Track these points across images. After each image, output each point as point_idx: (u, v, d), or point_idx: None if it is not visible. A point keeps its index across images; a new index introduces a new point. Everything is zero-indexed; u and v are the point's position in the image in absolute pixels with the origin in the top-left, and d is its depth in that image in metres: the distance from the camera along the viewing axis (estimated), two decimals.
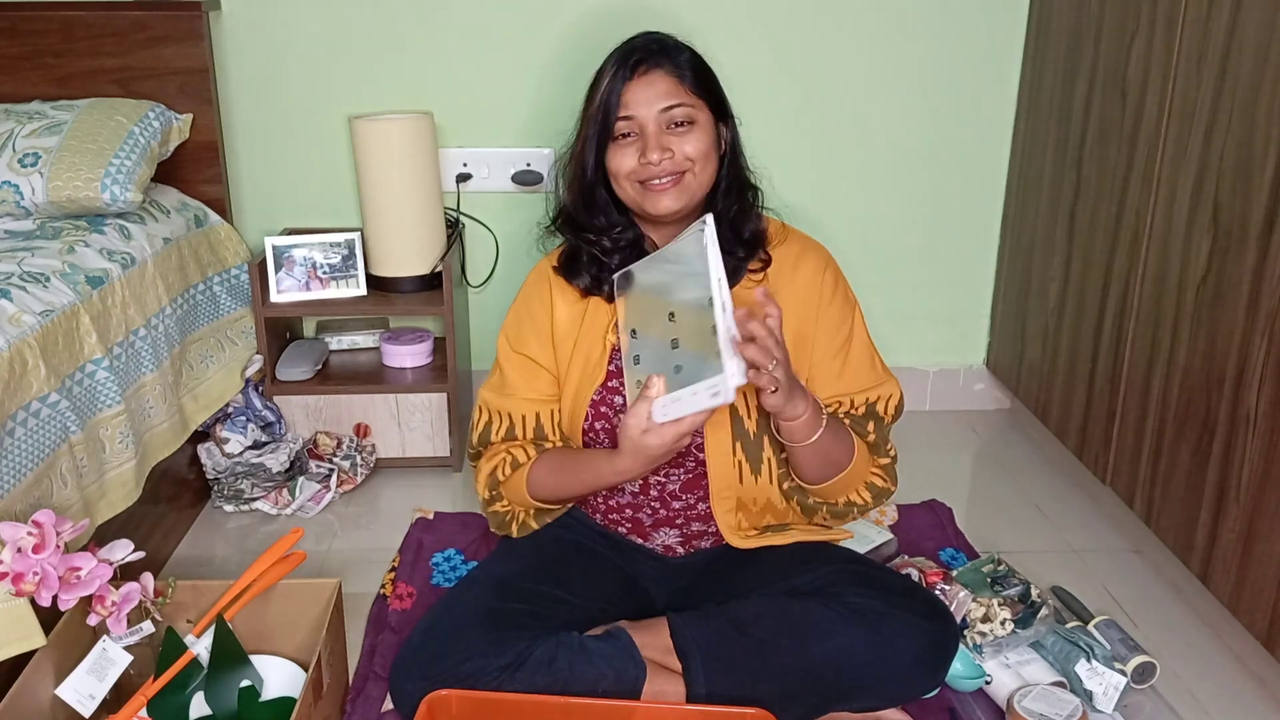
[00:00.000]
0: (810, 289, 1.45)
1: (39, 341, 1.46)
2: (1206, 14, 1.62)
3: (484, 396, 1.55)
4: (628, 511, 1.51)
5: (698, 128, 1.38)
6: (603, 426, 1.45)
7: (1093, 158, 1.98)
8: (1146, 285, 1.81)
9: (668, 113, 1.37)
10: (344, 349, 2.36)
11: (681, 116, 1.37)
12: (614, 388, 1.45)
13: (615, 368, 1.46)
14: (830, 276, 1.47)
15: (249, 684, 1.37)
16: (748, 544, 1.47)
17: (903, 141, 2.34)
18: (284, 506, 2.03)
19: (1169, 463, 1.74)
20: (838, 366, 1.46)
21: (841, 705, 1.38)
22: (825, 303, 1.45)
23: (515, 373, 1.52)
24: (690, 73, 1.39)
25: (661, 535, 1.52)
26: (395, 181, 2.13)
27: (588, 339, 1.48)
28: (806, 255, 1.48)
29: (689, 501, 1.48)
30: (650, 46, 1.40)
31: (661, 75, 1.38)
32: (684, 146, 1.37)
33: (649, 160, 1.36)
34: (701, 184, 1.40)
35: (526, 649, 1.32)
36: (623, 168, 1.40)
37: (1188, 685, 1.56)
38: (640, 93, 1.37)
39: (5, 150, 1.87)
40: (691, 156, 1.38)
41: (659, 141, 1.37)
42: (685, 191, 1.39)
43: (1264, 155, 1.48)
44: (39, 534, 1.24)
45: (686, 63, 1.39)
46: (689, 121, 1.38)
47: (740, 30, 2.24)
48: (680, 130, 1.38)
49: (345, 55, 2.25)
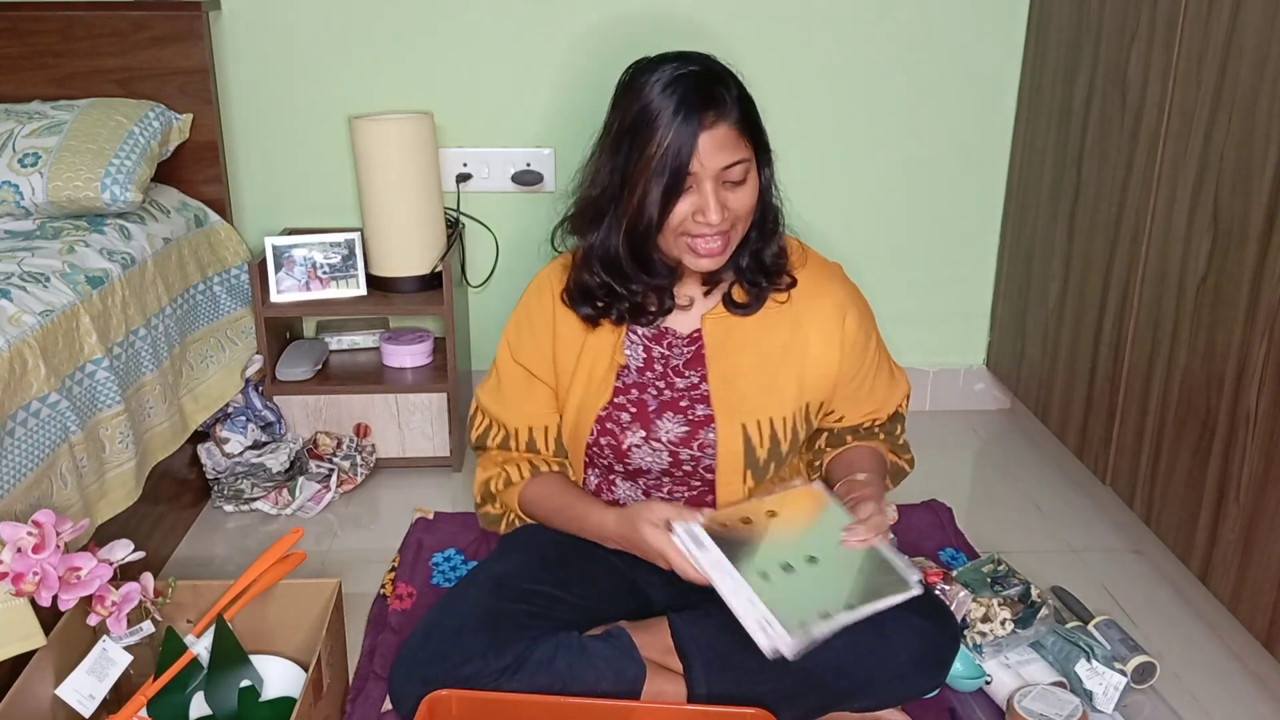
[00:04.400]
0: (832, 319, 1.44)
1: (39, 341, 1.46)
2: (1206, 14, 1.62)
3: (481, 399, 1.55)
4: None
5: (749, 183, 1.31)
6: (608, 442, 1.44)
7: (1093, 158, 1.98)
8: (1146, 285, 1.81)
9: (728, 170, 1.28)
10: (344, 349, 2.36)
11: (739, 175, 1.29)
12: (620, 404, 1.44)
13: (622, 384, 1.44)
14: (854, 310, 1.45)
15: (249, 684, 1.37)
16: None
17: (903, 141, 2.34)
18: (284, 506, 2.03)
19: (1169, 463, 1.74)
20: (867, 389, 1.49)
21: (842, 705, 1.37)
22: (851, 331, 1.44)
23: (513, 385, 1.51)
24: (748, 122, 1.29)
25: None
26: (395, 181, 2.13)
27: (591, 354, 1.45)
28: (827, 280, 1.46)
29: None
30: (715, 90, 1.27)
31: (726, 128, 1.26)
32: (735, 204, 1.30)
33: (708, 220, 1.28)
34: (740, 236, 1.34)
35: (526, 650, 1.32)
36: (673, 219, 1.30)
37: (1188, 685, 1.56)
38: (707, 144, 1.25)
39: (5, 150, 1.87)
40: (741, 215, 1.32)
41: (719, 199, 1.28)
42: (728, 251, 1.33)
43: (1264, 155, 1.48)
44: (39, 534, 1.24)
45: (742, 108, 1.29)
46: (745, 178, 1.30)
47: (739, 30, 2.24)
48: (733, 186, 1.30)
49: (345, 55, 2.25)
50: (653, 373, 1.45)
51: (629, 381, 1.45)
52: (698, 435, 1.42)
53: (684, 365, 1.45)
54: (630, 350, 1.45)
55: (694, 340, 1.45)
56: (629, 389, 1.44)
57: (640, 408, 1.44)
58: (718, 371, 1.43)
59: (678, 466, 1.44)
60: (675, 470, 1.45)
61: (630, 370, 1.45)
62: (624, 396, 1.44)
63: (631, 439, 1.43)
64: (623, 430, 1.43)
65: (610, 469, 1.49)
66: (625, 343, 1.45)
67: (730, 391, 1.42)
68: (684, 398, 1.44)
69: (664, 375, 1.45)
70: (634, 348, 1.46)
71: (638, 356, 1.45)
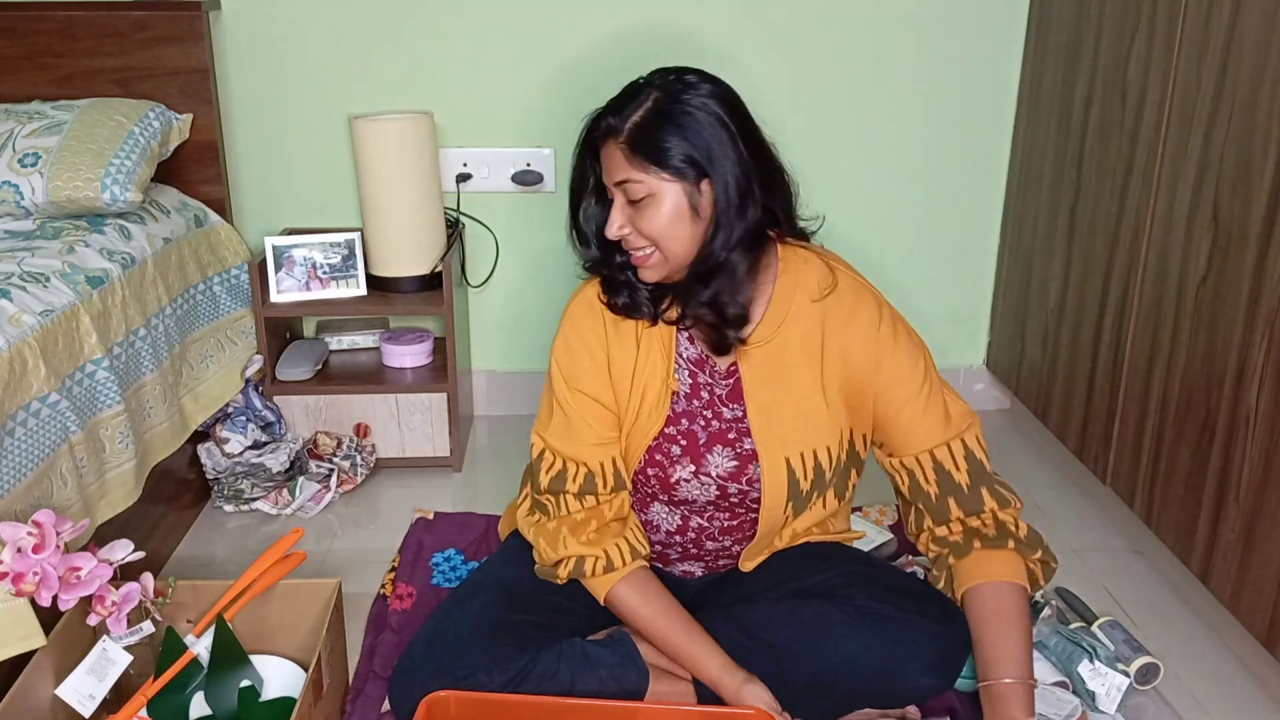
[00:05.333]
0: (865, 337, 1.35)
1: (39, 341, 1.46)
2: (1206, 14, 1.62)
3: (550, 441, 1.39)
4: (657, 548, 1.48)
5: (652, 205, 1.25)
6: (655, 474, 1.39)
7: (1093, 158, 1.98)
8: (1146, 285, 1.81)
9: (621, 186, 1.27)
10: (344, 349, 2.36)
11: (636, 194, 1.25)
12: (670, 435, 1.38)
13: (674, 413, 1.38)
14: (888, 331, 1.36)
15: (249, 684, 1.37)
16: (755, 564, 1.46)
17: (903, 141, 2.34)
18: (284, 506, 2.03)
19: (1169, 463, 1.74)
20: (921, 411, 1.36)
21: (852, 708, 1.37)
22: (886, 358, 1.35)
23: (580, 414, 1.37)
24: (639, 142, 1.24)
25: (684, 565, 1.51)
26: (395, 181, 2.13)
27: (643, 379, 1.38)
28: (857, 300, 1.37)
29: (724, 544, 1.46)
30: (624, 108, 1.26)
31: (614, 146, 1.26)
32: (642, 223, 1.27)
33: (609, 235, 1.29)
34: (678, 257, 1.28)
35: (529, 664, 1.30)
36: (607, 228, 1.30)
37: (1188, 685, 1.56)
38: (605, 158, 1.28)
39: (5, 150, 1.87)
40: (654, 236, 1.27)
41: (625, 214, 1.28)
42: (657, 269, 1.30)
43: (1264, 155, 1.48)
44: (39, 534, 1.24)
45: (637, 133, 1.24)
46: (648, 195, 1.25)
47: (739, 30, 2.24)
48: (640, 205, 1.26)
49: (345, 55, 2.25)
50: (699, 401, 1.39)
51: (679, 410, 1.39)
52: (746, 470, 1.37)
53: (727, 396, 1.39)
54: (679, 376, 1.39)
55: (731, 373, 1.39)
56: (679, 418, 1.38)
57: (690, 439, 1.38)
58: (756, 404, 1.37)
59: (724, 499, 1.40)
60: (722, 502, 1.41)
61: (679, 397, 1.39)
62: (674, 427, 1.38)
63: (681, 473, 1.38)
64: (672, 464, 1.38)
65: (654, 497, 1.43)
66: (675, 368, 1.39)
67: (770, 424, 1.36)
68: (731, 429, 1.38)
69: (710, 404, 1.39)
70: (680, 373, 1.39)
71: (685, 383, 1.39)
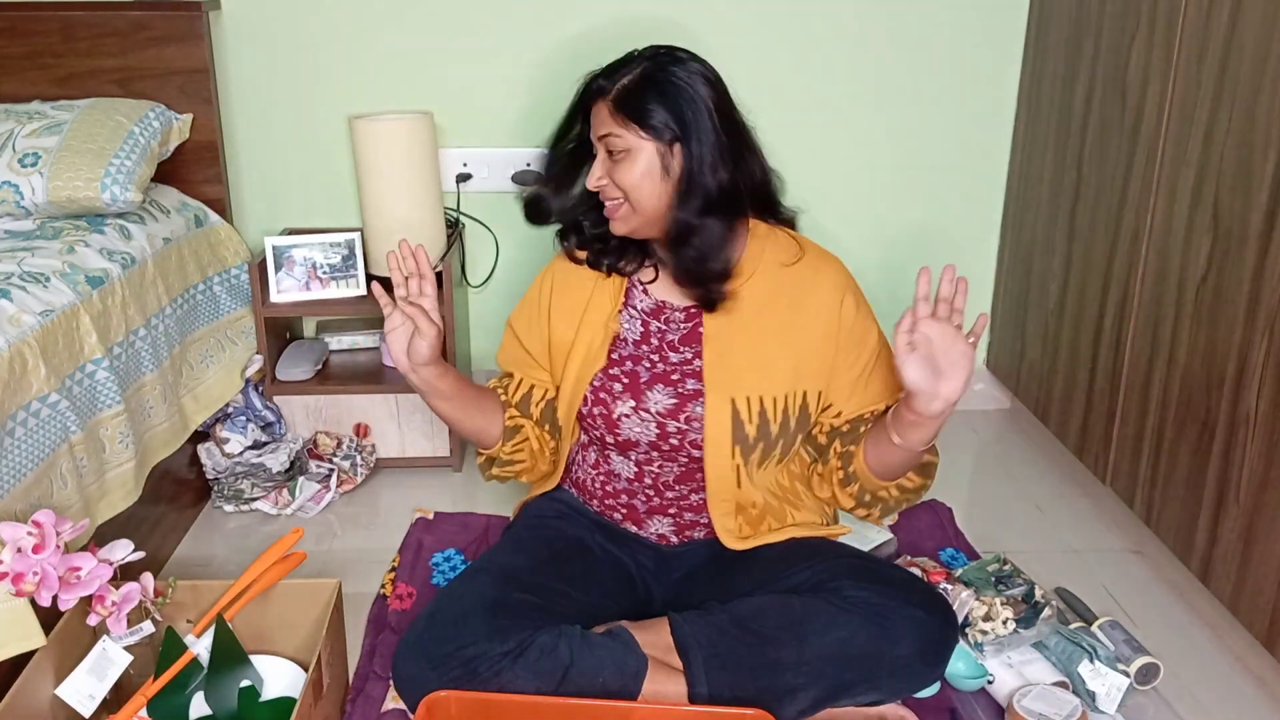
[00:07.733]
0: (829, 304, 1.47)
1: (39, 341, 1.46)
2: (1206, 14, 1.62)
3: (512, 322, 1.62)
4: (623, 498, 1.55)
5: (628, 161, 1.39)
6: (600, 411, 1.48)
7: (1093, 158, 1.98)
8: (1146, 285, 1.81)
9: (604, 139, 1.40)
10: (344, 349, 2.36)
11: (616, 148, 1.39)
12: (613, 375, 1.48)
13: (619, 356, 1.49)
14: (852, 296, 1.49)
15: (249, 684, 1.37)
16: (743, 545, 1.48)
17: (903, 141, 2.34)
18: (284, 506, 2.03)
19: (1169, 463, 1.74)
20: (864, 381, 1.49)
21: (842, 700, 1.38)
22: (848, 315, 1.48)
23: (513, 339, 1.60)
24: (624, 102, 1.38)
25: (655, 524, 1.55)
26: (395, 181, 2.13)
27: (590, 327, 1.51)
28: (826, 266, 1.50)
29: (681, 492, 1.52)
30: (615, 73, 1.41)
31: (599, 107, 1.41)
32: (618, 176, 1.40)
33: (589, 185, 1.44)
34: (646, 211, 1.41)
35: (529, 637, 1.33)
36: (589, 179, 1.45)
37: (1188, 685, 1.56)
38: (594, 115, 1.43)
39: (5, 150, 1.87)
40: (627, 188, 1.39)
41: (605, 166, 1.41)
42: (626, 221, 1.43)
43: (1264, 155, 1.48)
44: (39, 534, 1.24)
45: (624, 95, 1.38)
46: (625, 150, 1.38)
47: (739, 30, 2.24)
48: (617, 159, 1.40)
49: (345, 55, 2.25)
50: (648, 346, 1.50)
51: (624, 354, 1.50)
52: (685, 408, 1.45)
53: (679, 340, 1.49)
54: (628, 324, 1.51)
55: (691, 316, 1.49)
56: (623, 360, 1.49)
57: (632, 378, 1.48)
58: (714, 347, 1.46)
59: (665, 439, 1.47)
60: (663, 444, 1.47)
61: (626, 343, 1.50)
62: (618, 368, 1.49)
63: (621, 408, 1.47)
64: (614, 400, 1.47)
65: (603, 441, 1.52)
66: (624, 316, 1.51)
67: (723, 367, 1.45)
68: (675, 371, 1.48)
69: (658, 349, 1.49)
70: (631, 322, 1.51)
71: (635, 330, 1.51)
